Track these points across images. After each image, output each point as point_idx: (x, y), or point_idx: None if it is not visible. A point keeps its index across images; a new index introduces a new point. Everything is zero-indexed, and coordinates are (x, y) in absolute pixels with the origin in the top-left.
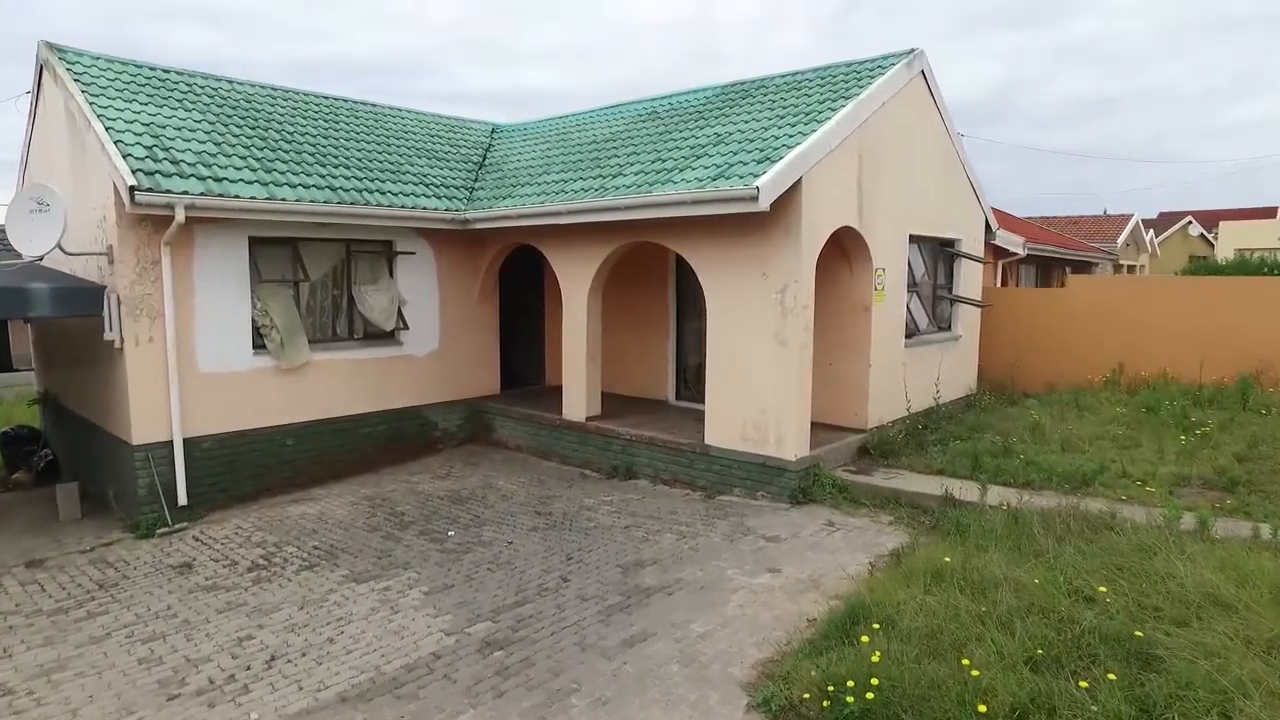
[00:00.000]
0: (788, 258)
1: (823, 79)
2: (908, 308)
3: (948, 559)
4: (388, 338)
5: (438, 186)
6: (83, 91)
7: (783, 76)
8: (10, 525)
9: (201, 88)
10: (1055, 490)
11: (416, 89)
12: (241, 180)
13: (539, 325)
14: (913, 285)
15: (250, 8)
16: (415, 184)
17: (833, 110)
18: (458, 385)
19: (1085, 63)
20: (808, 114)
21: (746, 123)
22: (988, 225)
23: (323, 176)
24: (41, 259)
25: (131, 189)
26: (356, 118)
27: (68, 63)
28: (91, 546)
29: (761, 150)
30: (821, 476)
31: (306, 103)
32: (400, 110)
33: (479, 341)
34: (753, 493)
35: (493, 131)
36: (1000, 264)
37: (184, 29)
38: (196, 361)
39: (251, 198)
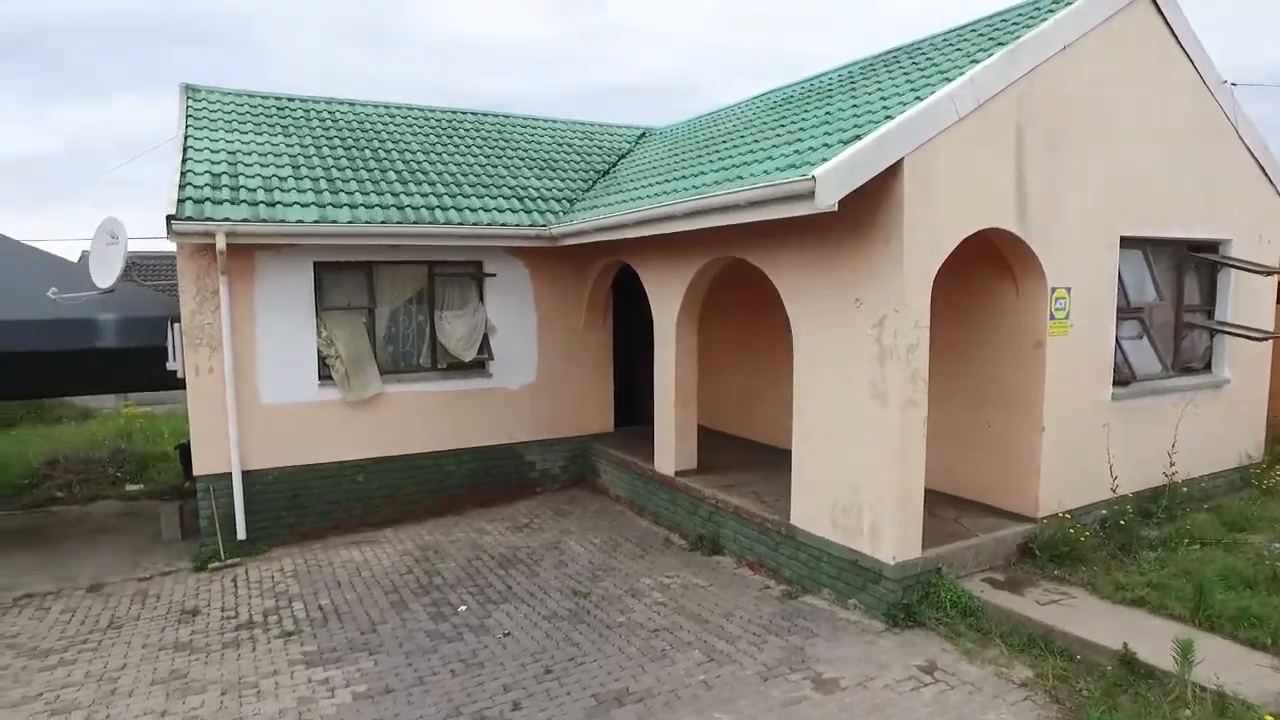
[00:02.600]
0: (886, 276)
1: (990, 26)
2: (1117, 342)
3: None
4: (476, 368)
5: (535, 200)
6: (187, 126)
7: (945, 34)
8: (129, 540)
9: (317, 114)
10: None
11: (679, 108)
12: (297, 204)
13: None
14: (1128, 309)
15: (530, 45)
16: (508, 197)
17: (974, 63)
18: (559, 422)
19: None
20: (945, 74)
21: (870, 95)
22: None
23: (395, 195)
24: (113, 290)
25: (169, 218)
26: (479, 130)
27: (193, 101)
28: (150, 575)
29: (859, 128)
30: (941, 588)
31: (426, 119)
32: (535, 120)
33: (586, 373)
34: (844, 598)
35: (640, 136)
36: None
37: (485, 74)
38: (259, 392)
39: (299, 221)
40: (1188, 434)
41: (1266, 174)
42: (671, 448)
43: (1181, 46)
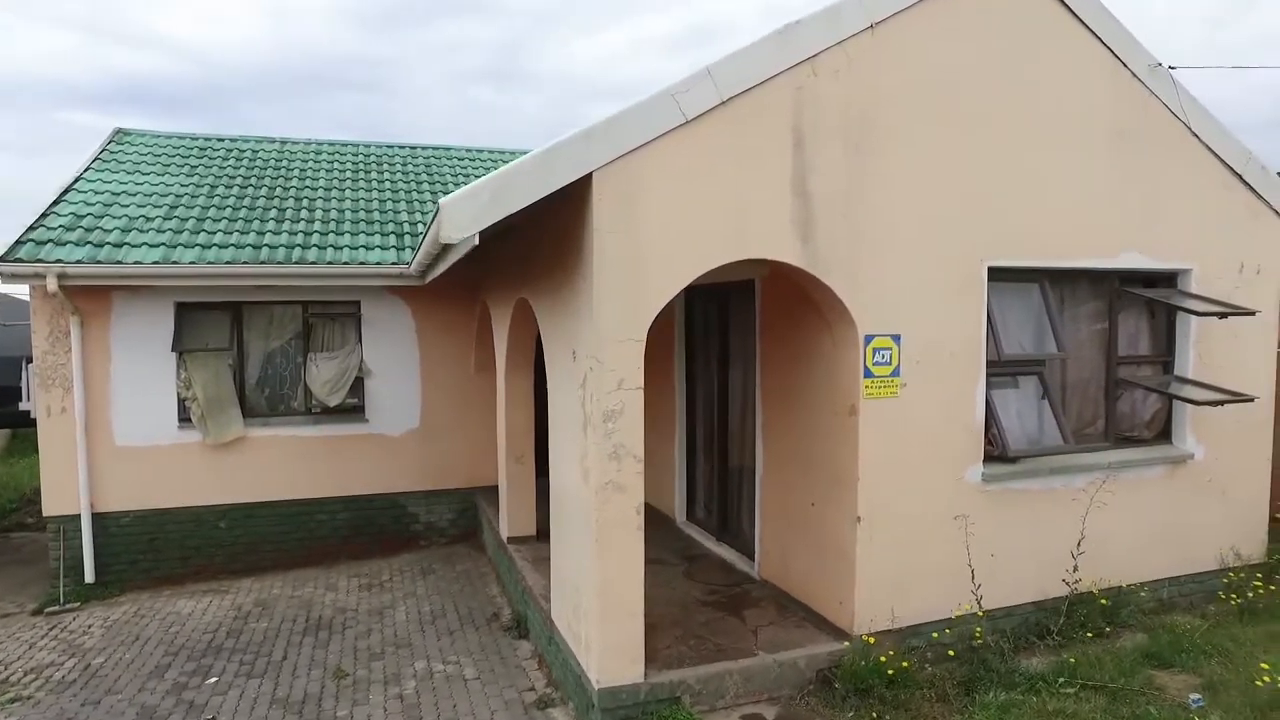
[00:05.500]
0: (582, 322)
1: None
2: (988, 405)
3: None
4: (353, 413)
5: (420, 236)
6: (88, 168)
7: None
8: (28, 573)
9: (236, 153)
10: None
11: None
12: (146, 244)
13: None
14: (1005, 364)
15: (650, 78)
16: (388, 234)
17: None
18: (448, 471)
19: None
20: None
21: None
22: None
23: (261, 234)
24: None
25: None
26: (406, 165)
27: (115, 144)
28: None
29: None
30: None
31: (353, 155)
32: (477, 151)
33: (480, 420)
34: (582, 715)
35: None
36: None
37: (601, 106)
38: (113, 433)
39: (136, 263)
40: (1120, 525)
41: (1244, 180)
42: (506, 509)
43: (1082, 22)
